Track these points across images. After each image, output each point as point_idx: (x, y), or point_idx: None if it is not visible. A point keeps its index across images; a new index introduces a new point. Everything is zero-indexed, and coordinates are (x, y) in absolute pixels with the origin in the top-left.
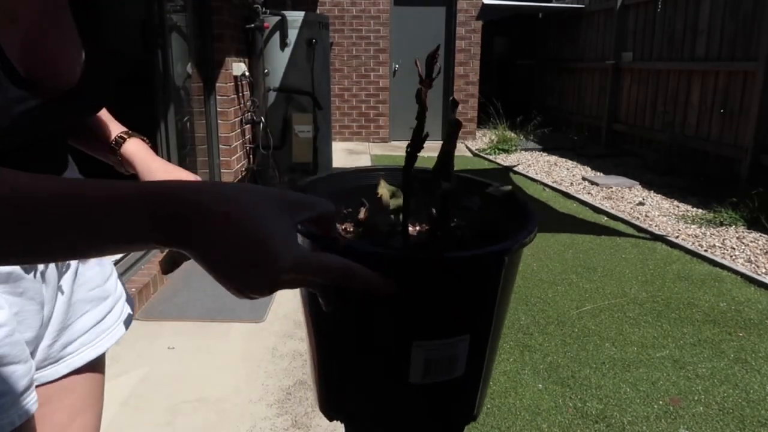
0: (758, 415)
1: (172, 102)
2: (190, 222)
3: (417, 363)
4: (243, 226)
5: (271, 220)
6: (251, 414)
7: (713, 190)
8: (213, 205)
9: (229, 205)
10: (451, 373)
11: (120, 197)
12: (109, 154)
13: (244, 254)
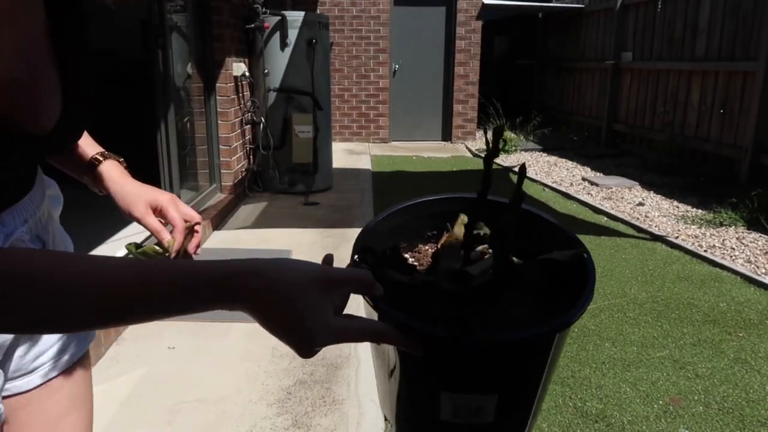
0: (758, 414)
1: (172, 102)
2: (244, 303)
3: (446, 406)
4: (285, 310)
5: (311, 303)
6: (251, 414)
7: (713, 191)
8: (265, 290)
9: (277, 287)
10: (481, 418)
11: (187, 287)
12: (85, 174)
13: (287, 332)
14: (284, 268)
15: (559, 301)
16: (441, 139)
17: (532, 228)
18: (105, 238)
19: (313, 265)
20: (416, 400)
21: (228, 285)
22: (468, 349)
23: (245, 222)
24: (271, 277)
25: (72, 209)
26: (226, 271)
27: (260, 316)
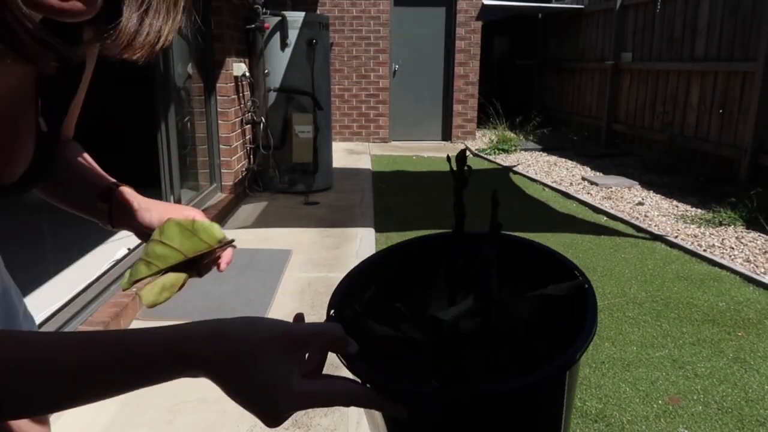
0: (757, 414)
1: (172, 102)
2: (200, 371)
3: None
4: (243, 375)
5: (273, 367)
6: (251, 414)
7: (712, 190)
8: (220, 357)
9: (232, 351)
10: None
11: (153, 362)
12: (98, 201)
13: (248, 399)
14: (241, 328)
15: (556, 339)
16: (441, 139)
17: (522, 258)
18: (105, 238)
19: (276, 324)
20: None
21: (180, 354)
22: (452, 406)
23: (245, 222)
24: (226, 340)
25: None
26: (176, 338)
27: (219, 383)
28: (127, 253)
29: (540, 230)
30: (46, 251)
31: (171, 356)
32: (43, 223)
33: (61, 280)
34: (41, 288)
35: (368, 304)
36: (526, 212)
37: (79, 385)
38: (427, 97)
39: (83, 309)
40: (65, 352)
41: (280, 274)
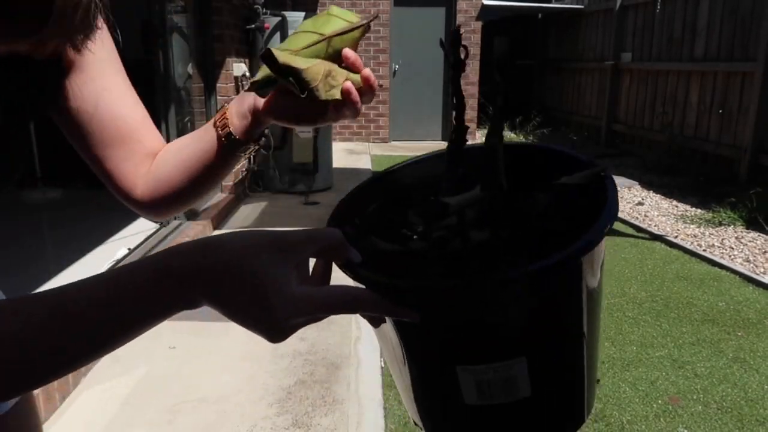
0: (756, 413)
1: (172, 102)
2: (198, 281)
3: (467, 385)
4: (242, 280)
5: (268, 267)
6: (251, 413)
7: (712, 190)
8: (214, 263)
9: (229, 262)
10: (514, 394)
11: (141, 286)
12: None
13: (248, 309)
14: (232, 237)
15: (575, 228)
16: (441, 138)
17: (536, 163)
18: (104, 237)
19: (269, 231)
20: (432, 388)
21: (169, 269)
22: (468, 296)
23: (245, 222)
24: (215, 248)
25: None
26: (163, 256)
27: (213, 298)
28: (127, 253)
29: None
30: (46, 251)
31: (159, 274)
32: (43, 223)
33: (61, 280)
34: (41, 288)
35: (369, 219)
36: None
37: (72, 329)
38: (427, 97)
39: None
40: (49, 303)
41: None
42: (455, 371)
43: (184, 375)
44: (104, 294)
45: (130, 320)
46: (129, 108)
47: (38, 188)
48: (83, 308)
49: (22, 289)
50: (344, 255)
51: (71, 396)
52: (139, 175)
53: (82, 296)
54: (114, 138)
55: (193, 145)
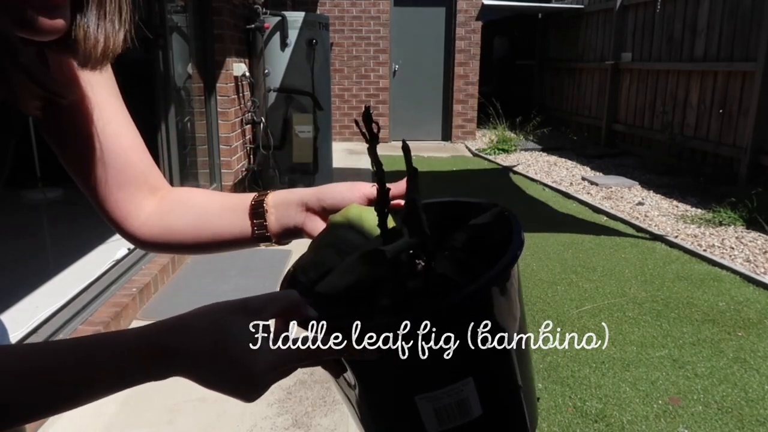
0: (757, 414)
1: (172, 102)
2: (176, 366)
3: (427, 414)
4: (216, 354)
5: (240, 332)
6: (251, 413)
7: (712, 190)
8: (189, 346)
9: (202, 339)
10: (469, 414)
11: (116, 369)
12: (253, 220)
13: (226, 377)
14: (200, 311)
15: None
16: (441, 139)
17: (452, 214)
18: (104, 238)
19: (232, 301)
20: (396, 423)
21: (150, 353)
22: (419, 326)
23: None
24: (187, 324)
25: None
26: (141, 338)
27: (190, 367)
28: (127, 253)
29: (540, 230)
30: (46, 251)
31: (133, 357)
32: (43, 223)
33: (61, 280)
34: (41, 288)
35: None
36: (526, 212)
37: (38, 391)
38: (427, 97)
39: (83, 309)
40: (19, 360)
41: (280, 274)
42: (414, 402)
43: None
44: (74, 364)
45: (94, 391)
46: (127, 134)
47: (38, 188)
48: (54, 371)
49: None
50: (303, 313)
51: None
52: (136, 207)
53: (57, 360)
54: (111, 162)
55: (218, 222)
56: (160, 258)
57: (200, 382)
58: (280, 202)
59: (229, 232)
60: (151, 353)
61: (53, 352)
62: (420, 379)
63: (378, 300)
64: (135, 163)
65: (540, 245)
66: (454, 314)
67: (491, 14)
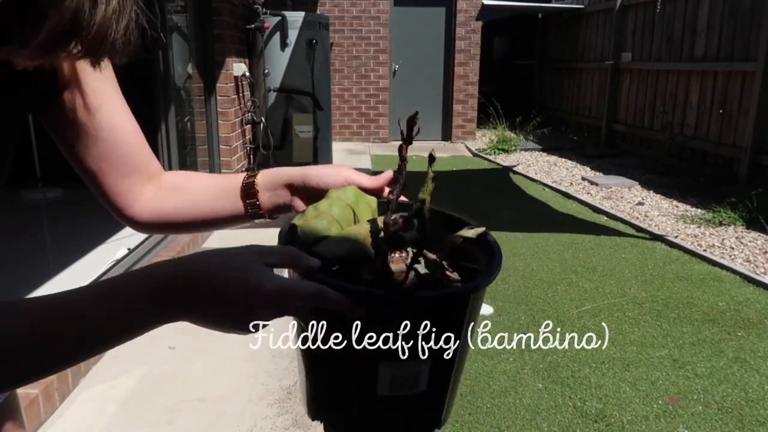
0: (757, 414)
1: (172, 102)
2: (180, 298)
3: (384, 379)
4: (226, 268)
5: (249, 264)
6: (251, 413)
7: (712, 190)
8: (197, 278)
9: (212, 258)
10: (415, 388)
11: (118, 310)
12: (246, 200)
13: (232, 291)
14: (200, 252)
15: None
16: (441, 139)
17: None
18: (104, 238)
19: (237, 247)
20: (352, 380)
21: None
22: (414, 306)
23: (245, 221)
24: (197, 255)
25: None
26: (153, 280)
27: (191, 301)
28: (127, 253)
29: (540, 230)
30: (46, 251)
31: (147, 289)
32: (43, 223)
33: (61, 280)
34: (41, 288)
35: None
36: (526, 212)
37: (59, 335)
38: (427, 97)
39: None
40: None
41: (280, 273)
42: (377, 367)
43: (184, 375)
44: (91, 305)
45: (112, 331)
46: (129, 127)
47: (38, 188)
48: (72, 315)
49: (21, 289)
50: (306, 264)
51: (71, 396)
52: (137, 194)
53: (73, 304)
54: (113, 154)
55: (213, 204)
56: (160, 258)
57: (206, 303)
58: (269, 183)
59: (223, 212)
60: (164, 282)
61: (73, 300)
62: (393, 350)
63: (362, 275)
64: (137, 154)
65: (540, 245)
66: (442, 305)
67: (491, 14)
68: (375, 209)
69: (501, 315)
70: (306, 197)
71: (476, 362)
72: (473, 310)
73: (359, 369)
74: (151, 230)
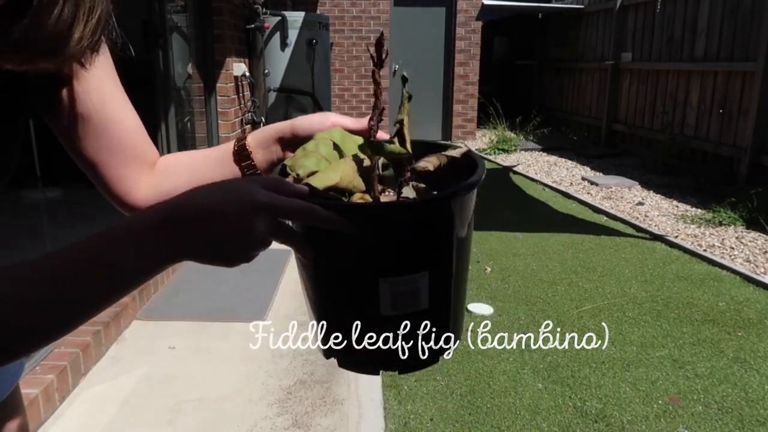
0: (757, 414)
1: (172, 102)
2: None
3: (385, 297)
4: (220, 186)
5: (240, 183)
6: (251, 413)
7: (712, 190)
8: (191, 207)
9: (208, 187)
10: (418, 305)
11: (115, 256)
12: (239, 164)
13: (229, 208)
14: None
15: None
16: (441, 139)
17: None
18: None
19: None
20: (355, 302)
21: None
22: (397, 212)
23: None
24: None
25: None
26: (150, 220)
27: (196, 211)
28: None
29: (540, 230)
30: (46, 251)
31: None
32: (43, 223)
33: None
34: None
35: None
36: (526, 212)
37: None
38: (427, 97)
39: None
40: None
41: (280, 274)
42: (377, 284)
43: (184, 375)
44: (91, 252)
45: (122, 270)
46: (130, 118)
47: (38, 188)
48: (76, 263)
49: None
50: (293, 188)
51: (71, 396)
52: (136, 182)
53: (83, 251)
54: (114, 145)
55: (211, 174)
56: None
57: (205, 226)
58: (261, 141)
59: (222, 180)
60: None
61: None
62: (388, 264)
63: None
64: (138, 145)
65: (540, 245)
66: (430, 209)
67: (491, 14)
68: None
69: (501, 315)
70: (298, 146)
71: (476, 362)
72: (462, 219)
73: (360, 290)
74: None
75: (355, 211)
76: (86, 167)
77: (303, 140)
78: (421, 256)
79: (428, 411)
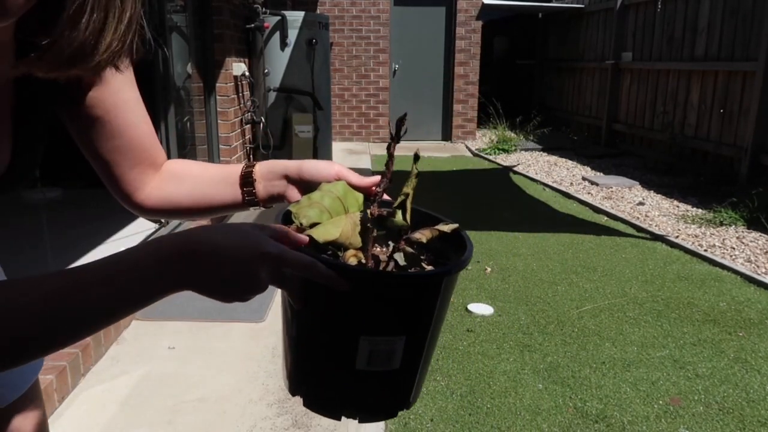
0: (758, 414)
1: (172, 102)
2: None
3: (363, 353)
4: (229, 231)
5: (249, 230)
6: (251, 414)
7: (713, 190)
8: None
9: (218, 228)
10: (390, 365)
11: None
12: (243, 188)
13: (237, 254)
14: (210, 227)
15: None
16: (441, 138)
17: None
18: (104, 238)
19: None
20: (334, 354)
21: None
22: (391, 282)
23: (246, 221)
24: (203, 228)
25: (71, 209)
26: (157, 251)
27: (194, 267)
28: None
29: (540, 230)
30: (46, 251)
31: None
32: (44, 223)
33: None
34: None
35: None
36: (526, 212)
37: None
38: (427, 97)
39: None
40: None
41: None
42: (358, 340)
43: (184, 375)
44: (104, 274)
45: (124, 299)
46: (143, 122)
47: (38, 188)
48: (88, 284)
49: None
50: (297, 238)
51: (71, 396)
52: (143, 182)
53: (88, 274)
54: (127, 147)
55: (213, 191)
56: None
57: (211, 267)
58: (267, 173)
59: (222, 199)
60: (171, 247)
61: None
62: (372, 324)
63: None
64: (149, 147)
65: (540, 245)
66: (426, 283)
67: (491, 14)
68: (361, 204)
69: (501, 315)
70: (300, 188)
71: (476, 362)
72: (446, 295)
73: (341, 342)
74: (155, 215)
75: (355, 274)
76: (98, 166)
77: (307, 182)
78: (404, 321)
79: (428, 411)
